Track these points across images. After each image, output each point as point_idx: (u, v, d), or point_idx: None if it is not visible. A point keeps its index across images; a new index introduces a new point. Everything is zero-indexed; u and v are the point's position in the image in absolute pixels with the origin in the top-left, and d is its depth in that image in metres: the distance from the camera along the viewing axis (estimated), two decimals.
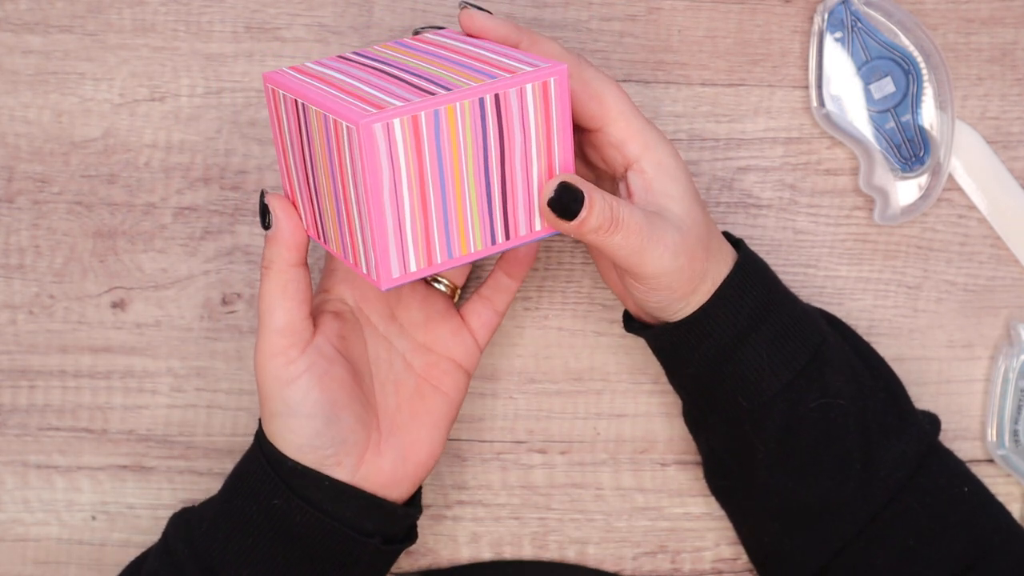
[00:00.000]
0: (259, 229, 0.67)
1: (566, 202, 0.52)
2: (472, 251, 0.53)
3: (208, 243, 0.67)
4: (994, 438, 0.68)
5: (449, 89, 0.50)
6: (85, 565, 0.68)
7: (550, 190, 0.53)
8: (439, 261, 0.52)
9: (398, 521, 0.60)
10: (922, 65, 0.66)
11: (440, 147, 0.49)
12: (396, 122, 0.48)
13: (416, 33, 0.59)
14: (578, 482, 0.69)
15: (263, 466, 0.58)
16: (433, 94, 0.49)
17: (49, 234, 0.67)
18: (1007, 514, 0.62)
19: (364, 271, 0.52)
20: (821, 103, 0.66)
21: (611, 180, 0.60)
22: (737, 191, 0.68)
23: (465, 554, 0.69)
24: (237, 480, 0.59)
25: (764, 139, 0.68)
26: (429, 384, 0.61)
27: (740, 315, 0.58)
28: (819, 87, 0.66)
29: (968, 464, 0.64)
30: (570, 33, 0.67)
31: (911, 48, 0.66)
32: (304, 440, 0.57)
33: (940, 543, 0.59)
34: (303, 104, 0.52)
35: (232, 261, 0.67)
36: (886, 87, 0.66)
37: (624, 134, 0.56)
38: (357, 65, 0.54)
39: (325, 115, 0.50)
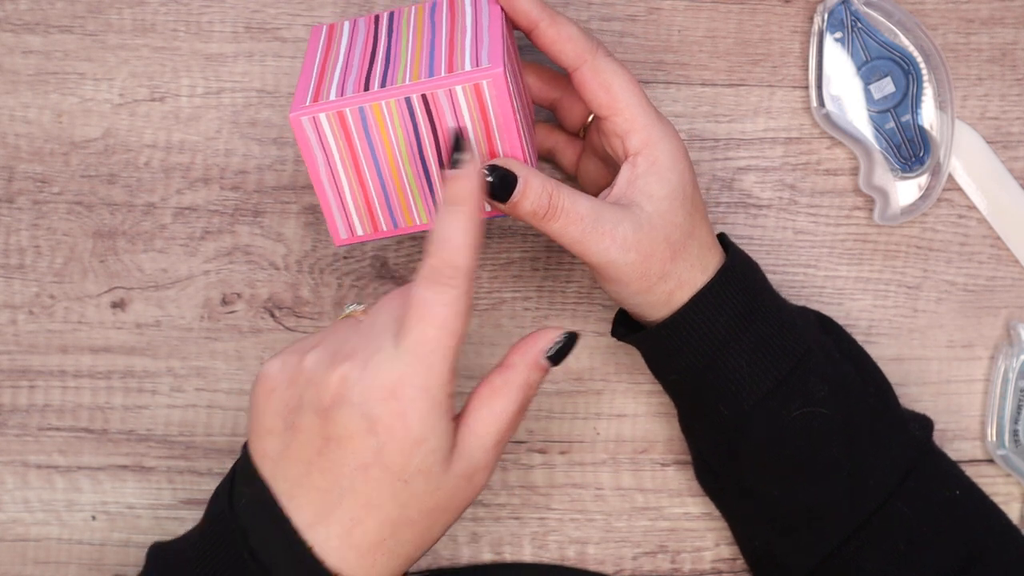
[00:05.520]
0: (258, 229, 0.67)
1: (493, 183, 0.54)
2: (417, 223, 0.58)
3: (208, 243, 0.67)
4: (994, 438, 0.68)
5: (385, 85, 0.55)
6: (85, 565, 0.68)
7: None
8: (384, 229, 0.58)
9: None
10: (922, 65, 0.66)
11: (370, 136, 0.55)
12: (323, 116, 0.55)
13: None
14: (578, 482, 0.69)
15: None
16: (368, 89, 0.55)
17: (49, 234, 0.67)
18: (1002, 516, 0.62)
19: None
20: (821, 103, 0.66)
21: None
22: (737, 191, 0.68)
23: (465, 554, 0.69)
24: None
25: (764, 139, 0.68)
26: None
27: (718, 323, 0.58)
28: (819, 87, 0.66)
29: (968, 464, 0.64)
30: None
31: (911, 48, 0.66)
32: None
33: (931, 548, 0.59)
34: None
35: (232, 261, 0.67)
36: (886, 87, 0.66)
37: (628, 126, 0.57)
38: (371, 33, 0.60)
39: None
